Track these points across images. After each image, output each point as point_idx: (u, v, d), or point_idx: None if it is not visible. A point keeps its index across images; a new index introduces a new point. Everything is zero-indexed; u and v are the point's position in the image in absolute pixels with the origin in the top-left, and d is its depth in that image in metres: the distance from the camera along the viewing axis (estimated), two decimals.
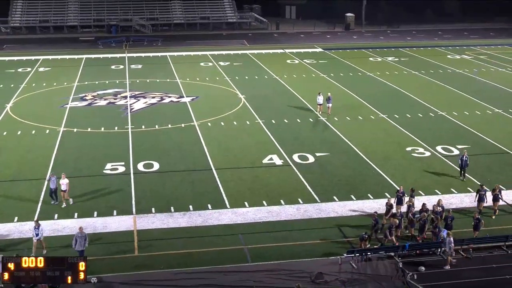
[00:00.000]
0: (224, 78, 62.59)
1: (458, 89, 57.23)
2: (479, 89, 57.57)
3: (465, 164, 35.49)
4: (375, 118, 48.04)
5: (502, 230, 29.30)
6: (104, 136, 43.67)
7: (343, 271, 25.69)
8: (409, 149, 40.93)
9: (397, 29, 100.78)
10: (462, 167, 35.68)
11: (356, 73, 65.21)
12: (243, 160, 38.81)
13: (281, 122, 46.77)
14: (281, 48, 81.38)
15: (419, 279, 25.32)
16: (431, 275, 25.96)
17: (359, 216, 30.92)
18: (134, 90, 57.10)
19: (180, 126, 45.88)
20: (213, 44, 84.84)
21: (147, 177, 36.10)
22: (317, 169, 37.35)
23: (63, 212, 31.27)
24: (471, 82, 60.67)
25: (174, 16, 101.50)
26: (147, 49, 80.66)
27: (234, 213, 31.40)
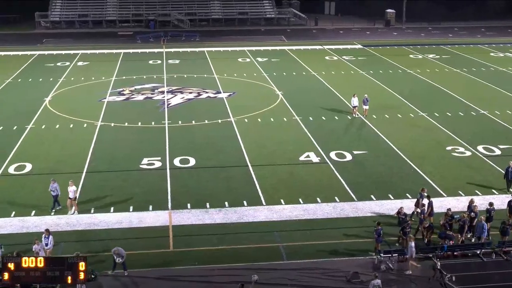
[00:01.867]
0: (262, 74, 62.60)
1: (501, 88, 56.32)
2: None
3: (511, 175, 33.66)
4: (415, 116, 47.57)
5: None
6: (141, 131, 44.07)
7: (380, 271, 25.50)
8: (449, 148, 40.45)
9: (438, 26, 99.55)
10: (509, 179, 33.72)
11: (396, 70, 64.64)
12: (279, 157, 38.80)
13: (318, 119, 46.63)
14: (319, 45, 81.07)
15: (458, 281, 25.01)
16: (470, 277, 25.65)
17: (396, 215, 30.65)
18: (171, 85, 57.49)
19: (216, 122, 46.05)
20: (251, 39, 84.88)
21: (183, 172, 36.33)
22: (355, 167, 37.15)
23: (99, 206, 31.64)
24: None
25: (212, 11, 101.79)
26: (185, 44, 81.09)
27: (269, 210, 31.42)
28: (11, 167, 36.93)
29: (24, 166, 37.10)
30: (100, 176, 35.87)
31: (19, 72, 63.17)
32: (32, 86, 57.19)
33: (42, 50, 76.00)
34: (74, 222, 30.02)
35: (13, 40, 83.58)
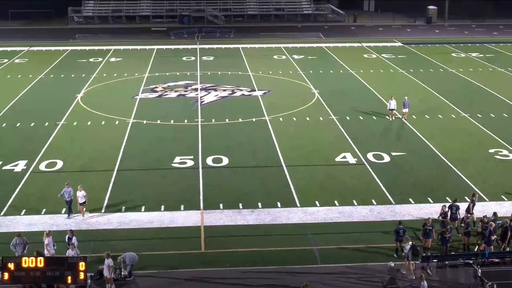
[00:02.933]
0: (298, 72, 62.52)
1: None
2: None
3: None
4: (456, 117, 47.05)
5: None
6: (173, 129, 44.33)
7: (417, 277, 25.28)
8: (492, 151, 39.92)
9: (482, 23, 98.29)
10: None
11: (437, 69, 63.99)
12: (315, 157, 38.70)
13: (355, 119, 46.40)
14: (358, 42, 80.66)
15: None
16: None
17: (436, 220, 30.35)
18: (205, 83, 57.74)
19: (251, 121, 46.12)
20: (287, 36, 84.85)
21: (215, 172, 36.46)
22: (393, 169, 36.89)
23: (130, 205, 31.92)
24: None
25: (248, 7, 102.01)
26: (219, 40, 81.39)
27: (304, 212, 31.37)
28: (42, 164, 37.46)
29: (55, 163, 37.59)
30: (131, 174, 36.19)
31: (51, 67, 64.05)
32: (64, 82, 57.95)
33: (75, 45, 76.98)
34: (105, 221, 30.32)
35: (46, 35, 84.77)
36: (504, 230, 27.52)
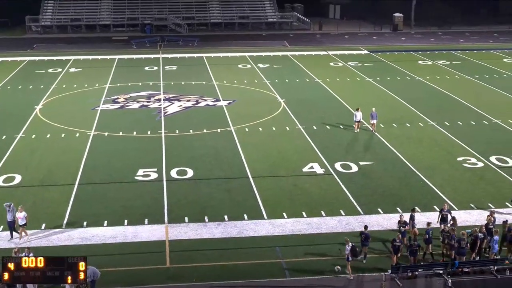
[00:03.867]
0: (263, 81, 62.72)
1: None
2: None
3: None
4: (424, 126, 47.60)
5: None
6: (136, 141, 44.11)
7: None
8: (460, 159, 40.45)
9: (449, 31, 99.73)
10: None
11: (404, 77, 64.73)
12: (282, 168, 38.82)
13: (323, 129, 46.67)
14: (324, 50, 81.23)
15: None
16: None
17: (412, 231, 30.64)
18: (168, 93, 57.59)
19: (216, 131, 46.10)
20: (252, 45, 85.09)
21: (180, 184, 36.35)
22: (361, 179, 37.16)
23: (92, 220, 31.63)
24: None
25: (211, 15, 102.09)
26: (182, 49, 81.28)
27: (271, 224, 31.41)
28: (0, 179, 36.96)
29: (13, 178, 37.11)
30: (93, 188, 35.89)
31: (8, 79, 63.29)
32: (22, 94, 57.30)
33: (33, 55, 76.17)
34: (65, 237, 30.00)
35: (2, 45, 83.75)
36: (474, 239, 27.85)
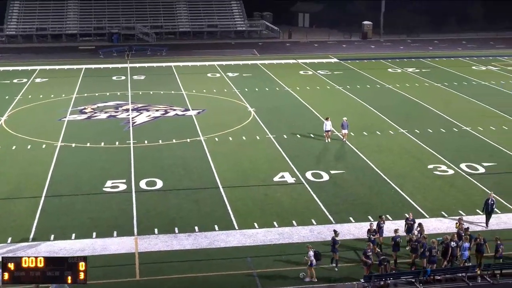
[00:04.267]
0: (233, 90, 62.77)
1: (484, 103, 57.10)
2: (507, 102, 57.40)
3: (491, 208, 32.22)
4: (394, 133, 47.99)
5: None
6: (104, 152, 43.82)
7: None
8: (431, 166, 40.83)
9: (417, 38, 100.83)
10: (489, 211, 32.26)
11: (374, 85, 65.24)
12: (252, 178, 38.83)
13: (293, 137, 46.80)
14: (293, 58, 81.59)
15: None
16: None
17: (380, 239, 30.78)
18: (137, 103, 57.35)
19: (185, 141, 46.00)
20: (221, 53, 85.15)
21: (149, 195, 36.17)
22: (332, 188, 37.31)
23: (59, 232, 31.30)
24: (498, 95, 60.53)
25: (179, 24, 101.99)
26: (150, 59, 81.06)
27: (242, 235, 31.37)
28: None
29: None
30: (60, 200, 35.54)
31: None
32: None
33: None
34: (32, 251, 29.66)
35: None
36: (445, 247, 28.08)
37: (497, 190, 36.00)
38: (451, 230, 30.50)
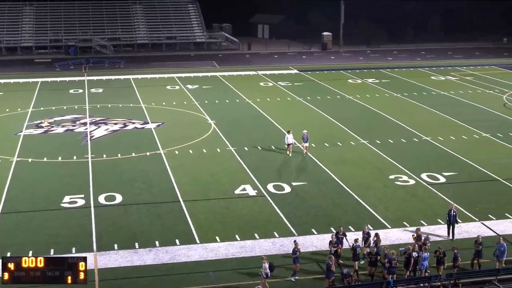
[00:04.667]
0: (192, 102, 62.67)
1: (443, 112, 57.93)
2: (466, 112, 58.32)
3: (454, 219, 32.30)
4: (356, 144, 48.36)
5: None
6: (61, 167, 43.35)
7: None
8: (392, 177, 41.22)
9: (377, 49, 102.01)
10: (450, 223, 32.35)
11: (335, 96, 65.73)
12: (213, 191, 38.75)
13: (254, 150, 46.87)
14: (253, 70, 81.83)
15: None
16: None
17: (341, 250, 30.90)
18: (95, 116, 56.90)
19: (145, 155, 45.75)
20: (180, 65, 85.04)
21: (109, 210, 35.84)
22: (294, 200, 37.41)
23: (16, 250, 30.82)
24: (457, 105, 61.46)
25: (137, 36, 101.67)
26: (108, 71, 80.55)
27: (204, 249, 31.25)
28: None
29: None
30: (17, 217, 35.01)
31: None
32: None
33: None
34: None
35: None
36: (408, 257, 28.32)
37: (457, 199, 36.59)
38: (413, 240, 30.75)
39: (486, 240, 29.91)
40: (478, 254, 29.02)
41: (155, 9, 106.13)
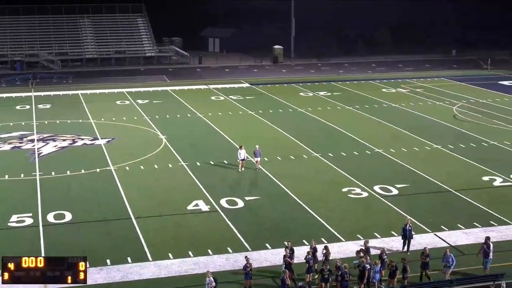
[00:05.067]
0: (143, 117, 62.32)
1: (395, 125, 58.69)
2: (417, 124, 59.19)
3: (410, 234, 32.25)
4: (308, 157, 48.63)
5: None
6: (8, 185, 42.63)
7: None
8: (345, 189, 41.52)
9: (328, 62, 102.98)
10: (406, 237, 32.25)
11: (287, 109, 66.07)
12: (165, 207, 38.51)
13: (206, 165, 46.76)
14: (204, 84, 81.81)
15: None
16: None
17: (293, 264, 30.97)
18: (43, 133, 56.13)
19: (95, 171, 45.27)
20: (130, 80, 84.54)
21: (58, 229, 35.33)
22: (247, 215, 37.41)
23: None
24: (408, 117, 62.35)
25: (86, 50, 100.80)
26: (56, 87, 79.63)
27: (157, 266, 31.00)
28: None
29: None
30: None
31: None
32: None
33: None
34: None
35: None
36: (362, 270, 28.49)
37: (410, 211, 37.06)
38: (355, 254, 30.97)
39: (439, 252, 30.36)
40: (425, 266, 29.35)
41: (103, 23, 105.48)
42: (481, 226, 35.49)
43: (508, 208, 38.10)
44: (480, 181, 43.28)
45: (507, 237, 34.05)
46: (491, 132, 55.81)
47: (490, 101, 70.05)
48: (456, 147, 50.95)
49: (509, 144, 51.66)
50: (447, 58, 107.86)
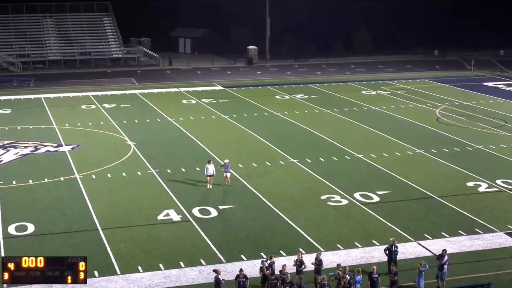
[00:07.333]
0: (110, 122, 62.09)
1: (375, 129, 58.99)
2: (398, 128, 59.57)
3: (395, 257, 31.00)
4: (285, 164, 48.71)
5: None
6: None
7: None
8: (324, 197, 41.64)
9: (305, 63, 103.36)
10: (392, 260, 30.90)
11: (262, 113, 66.18)
12: (134, 217, 38.37)
13: (178, 172, 46.67)
14: (175, 87, 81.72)
15: None
16: None
17: None
18: (3, 140, 55.72)
19: (59, 180, 45.02)
20: (95, 83, 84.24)
21: (20, 241, 35.05)
22: (221, 224, 37.37)
23: None
24: (389, 121, 62.74)
25: (49, 52, 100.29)
26: (17, 90, 79.14)
27: (125, 280, 30.87)
28: None
29: None
30: None
31: None
32: None
33: None
34: None
35: None
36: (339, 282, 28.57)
37: (392, 219, 37.30)
38: (347, 263, 31.12)
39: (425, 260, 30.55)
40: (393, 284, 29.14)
41: (67, 23, 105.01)
42: (466, 234, 35.75)
43: (494, 215, 38.47)
44: (464, 187, 43.63)
45: (493, 245, 34.35)
46: (476, 136, 56.29)
47: (475, 103, 70.70)
48: (440, 152, 51.32)
49: (494, 148, 52.11)
50: (429, 59, 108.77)
